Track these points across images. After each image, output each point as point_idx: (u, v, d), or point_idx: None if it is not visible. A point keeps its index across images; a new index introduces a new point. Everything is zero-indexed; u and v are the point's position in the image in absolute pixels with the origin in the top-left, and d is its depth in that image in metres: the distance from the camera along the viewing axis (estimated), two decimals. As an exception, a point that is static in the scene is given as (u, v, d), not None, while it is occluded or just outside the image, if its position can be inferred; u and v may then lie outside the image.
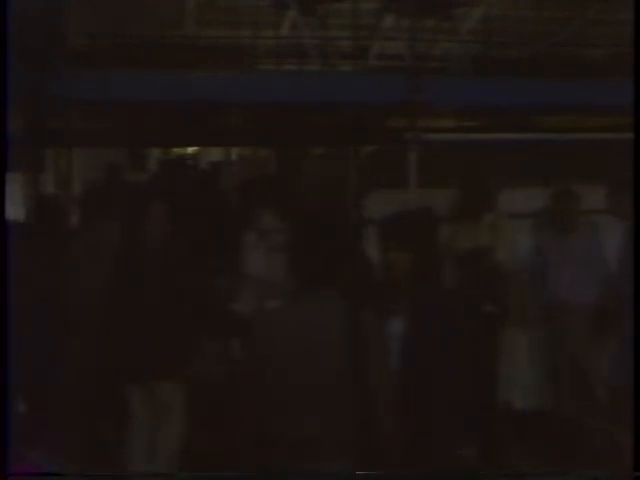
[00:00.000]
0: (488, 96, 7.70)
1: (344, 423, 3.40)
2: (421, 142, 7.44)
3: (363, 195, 7.36)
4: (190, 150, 15.83)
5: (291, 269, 3.48)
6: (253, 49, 8.46)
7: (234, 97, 7.30)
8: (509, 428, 5.65)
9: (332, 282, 3.43)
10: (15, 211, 5.40)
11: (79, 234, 5.71)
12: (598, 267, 6.55)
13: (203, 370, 5.36)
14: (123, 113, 8.42)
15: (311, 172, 10.31)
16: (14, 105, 4.42)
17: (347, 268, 4.64)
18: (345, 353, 3.38)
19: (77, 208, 6.20)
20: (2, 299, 3.35)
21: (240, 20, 9.33)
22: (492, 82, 8.11)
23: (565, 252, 6.68)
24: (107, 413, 5.29)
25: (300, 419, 3.38)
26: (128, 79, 7.12)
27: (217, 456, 4.63)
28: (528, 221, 6.69)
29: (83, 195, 6.16)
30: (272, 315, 3.59)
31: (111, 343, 4.79)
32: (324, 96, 7.40)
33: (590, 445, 5.84)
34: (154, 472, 4.76)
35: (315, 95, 7.39)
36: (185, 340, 4.82)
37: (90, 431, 5.20)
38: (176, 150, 14.75)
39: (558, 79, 8.33)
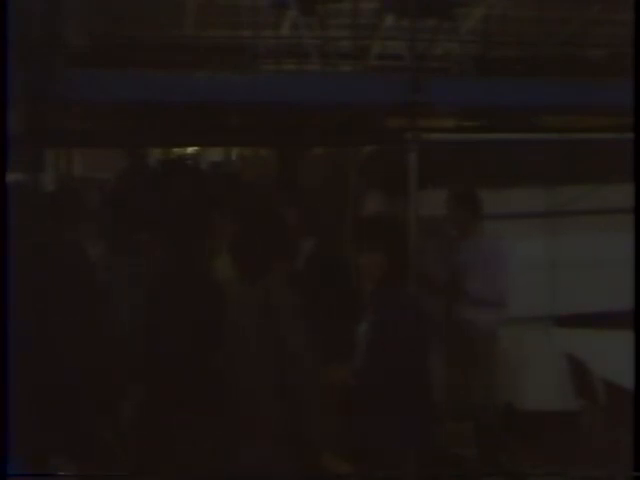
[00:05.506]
0: (488, 96, 7.70)
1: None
2: (421, 142, 7.44)
3: (363, 195, 7.36)
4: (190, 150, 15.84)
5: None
6: (253, 49, 8.44)
7: (234, 97, 7.29)
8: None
9: None
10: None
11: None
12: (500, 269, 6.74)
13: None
14: (123, 113, 8.42)
15: (310, 172, 10.31)
16: (14, 105, 4.42)
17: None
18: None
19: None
20: (2, 300, 3.35)
21: (240, 20, 9.33)
22: (492, 82, 8.11)
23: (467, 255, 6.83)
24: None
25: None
26: (128, 79, 7.11)
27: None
28: (527, 222, 6.76)
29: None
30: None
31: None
32: (324, 96, 7.39)
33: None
34: (154, 473, 4.77)
35: (315, 95, 7.38)
36: None
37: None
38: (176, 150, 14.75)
39: (558, 79, 8.33)
